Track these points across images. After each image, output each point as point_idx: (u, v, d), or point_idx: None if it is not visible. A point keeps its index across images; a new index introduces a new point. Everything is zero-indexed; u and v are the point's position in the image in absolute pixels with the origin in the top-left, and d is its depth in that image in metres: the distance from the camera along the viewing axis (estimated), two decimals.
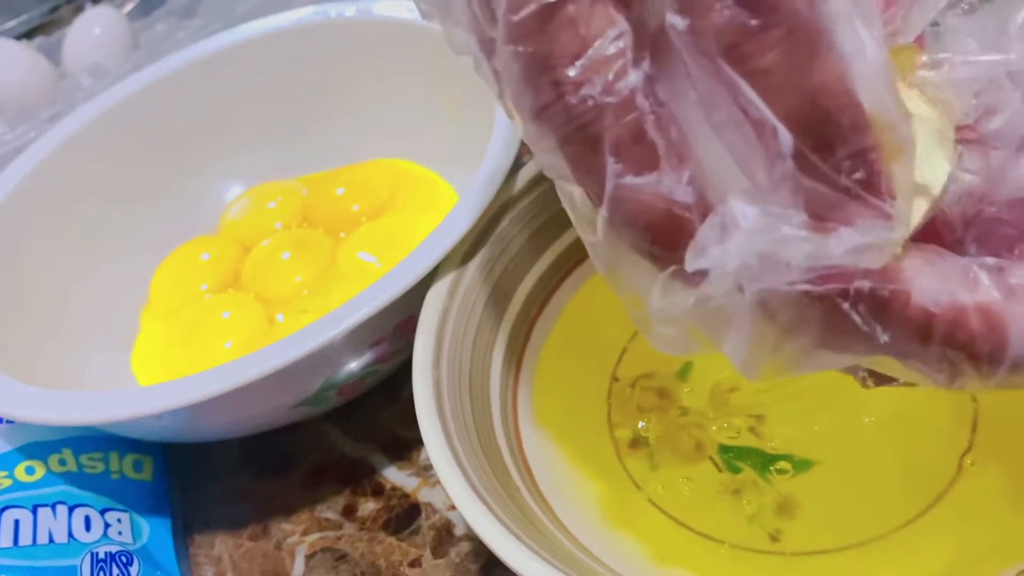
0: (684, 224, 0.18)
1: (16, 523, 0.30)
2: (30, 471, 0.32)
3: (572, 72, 0.18)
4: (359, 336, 0.30)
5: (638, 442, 0.31)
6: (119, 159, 0.42)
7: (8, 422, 0.33)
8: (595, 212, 0.19)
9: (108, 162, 0.42)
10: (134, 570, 0.31)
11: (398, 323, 0.31)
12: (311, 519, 0.34)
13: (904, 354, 0.18)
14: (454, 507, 0.27)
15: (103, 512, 0.32)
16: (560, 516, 0.28)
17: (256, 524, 0.35)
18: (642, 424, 0.31)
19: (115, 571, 0.30)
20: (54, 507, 0.31)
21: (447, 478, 0.25)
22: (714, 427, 0.30)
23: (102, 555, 0.30)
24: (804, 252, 0.17)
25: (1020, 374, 0.18)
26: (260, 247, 0.42)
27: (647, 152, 0.18)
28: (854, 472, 0.28)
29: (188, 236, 0.43)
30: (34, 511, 0.31)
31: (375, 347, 0.31)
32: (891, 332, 0.18)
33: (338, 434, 0.37)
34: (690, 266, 0.18)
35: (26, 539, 0.30)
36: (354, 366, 0.32)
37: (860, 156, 0.17)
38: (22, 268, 0.38)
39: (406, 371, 0.29)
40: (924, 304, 0.18)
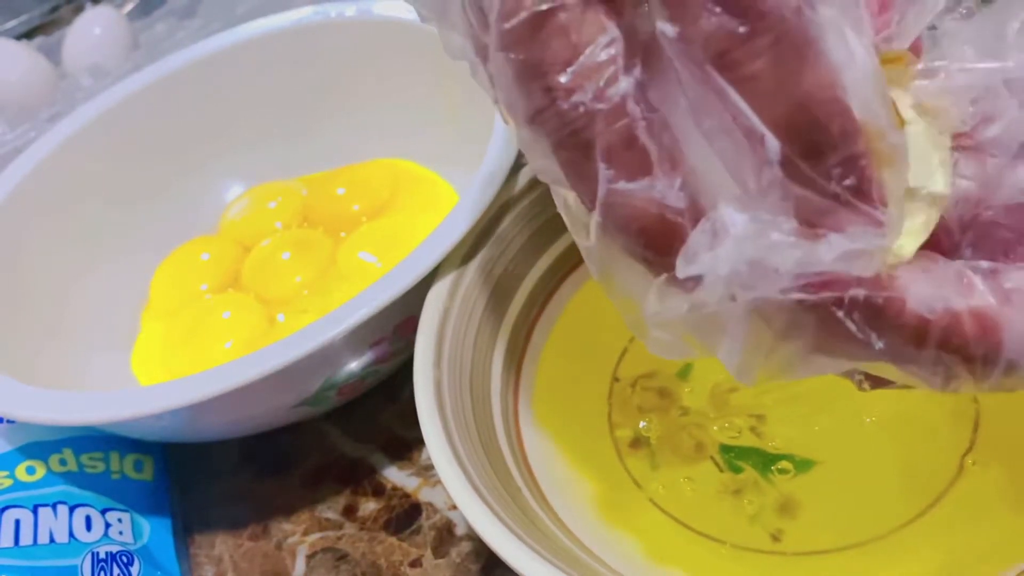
0: (676, 229, 0.18)
1: (17, 523, 0.30)
2: (31, 471, 0.32)
3: (564, 79, 0.18)
4: (359, 336, 0.30)
5: (639, 442, 0.31)
6: (119, 159, 0.42)
7: (8, 422, 0.33)
8: (589, 216, 0.19)
9: (108, 162, 0.42)
10: (135, 570, 0.31)
11: (398, 323, 0.31)
12: (312, 519, 0.34)
13: (899, 359, 0.18)
14: (455, 507, 0.27)
15: (104, 512, 0.32)
16: (561, 516, 0.28)
17: (256, 524, 0.35)
18: (643, 424, 0.31)
19: (116, 571, 0.30)
20: (55, 507, 0.31)
21: (448, 478, 0.25)
22: (715, 427, 0.30)
23: (103, 555, 0.30)
24: (793, 259, 0.17)
25: (1013, 377, 0.18)
26: (260, 247, 0.42)
27: (639, 158, 0.18)
28: (855, 472, 0.28)
29: (188, 236, 0.43)
30: (35, 511, 0.31)
31: (375, 347, 0.31)
32: (886, 339, 0.18)
33: (338, 434, 0.37)
34: (681, 272, 0.18)
35: (27, 539, 0.30)
36: (354, 366, 0.32)
37: (851, 162, 0.17)
38: (22, 268, 0.38)
39: (406, 371, 0.29)
40: (919, 311, 0.18)
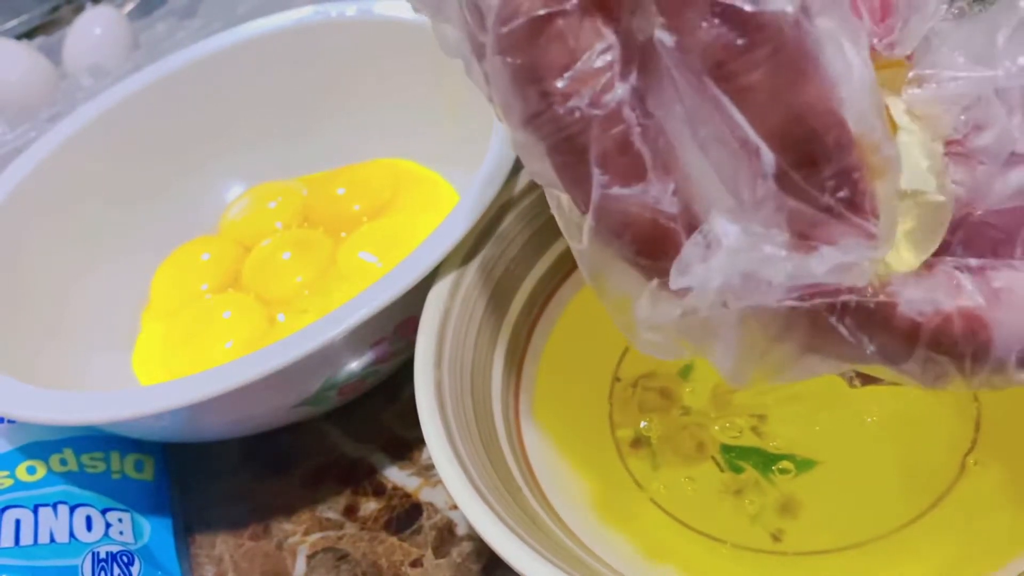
0: (669, 235, 0.18)
1: (17, 523, 0.30)
2: (31, 471, 0.32)
3: (560, 83, 0.18)
4: (359, 336, 0.30)
5: (640, 442, 0.31)
6: (119, 159, 0.42)
7: (9, 422, 0.33)
8: (582, 219, 0.19)
9: (108, 162, 0.42)
10: (135, 570, 0.31)
11: (399, 323, 0.31)
12: (312, 519, 0.34)
13: (890, 360, 0.19)
14: (456, 507, 0.27)
15: (104, 512, 0.32)
16: (561, 515, 0.28)
17: (257, 524, 0.35)
18: (644, 424, 0.31)
19: (116, 571, 0.30)
20: (55, 507, 0.31)
21: (449, 477, 0.25)
22: (716, 427, 0.30)
23: (103, 555, 0.30)
24: (786, 272, 0.18)
25: (1002, 374, 0.18)
26: (260, 247, 0.42)
27: (633, 163, 0.18)
28: (857, 472, 0.28)
29: (188, 236, 0.43)
30: (35, 511, 0.31)
31: (376, 347, 0.31)
32: (878, 342, 0.18)
33: (339, 434, 0.37)
34: (674, 284, 0.18)
35: (27, 539, 0.30)
36: (355, 366, 0.32)
37: (844, 175, 0.17)
38: (22, 268, 0.38)
39: (406, 371, 0.29)
40: (909, 315, 0.18)
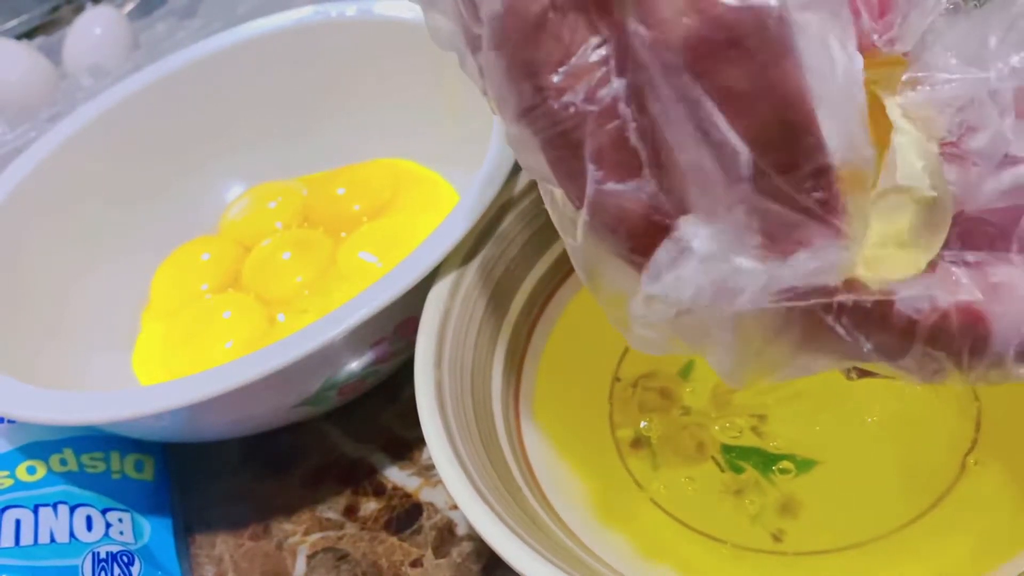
0: (664, 231, 0.18)
1: (17, 523, 0.30)
2: (31, 471, 0.32)
3: (555, 78, 0.18)
4: (359, 336, 0.30)
5: (640, 442, 0.31)
6: (119, 159, 0.42)
7: (9, 422, 0.33)
8: (576, 214, 0.19)
9: (108, 162, 0.42)
10: (135, 570, 0.31)
11: (399, 323, 0.31)
12: (312, 519, 0.34)
13: (887, 357, 0.19)
14: (456, 507, 0.27)
15: (104, 512, 0.32)
16: (562, 515, 0.28)
17: (257, 524, 0.35)
18: (644, 424, 0.31)
19: (116, 571, 0.30)
20: (55, 507, 0.31)
21: (449, 478, 0.25)
22: (716, 427, 0.30)
23: (103, 555, 0.30)
24: (758, 281, 0.17)
25: (999, 368, 0.18)
26: (260, 247, 0.42)
27: (628, 159, 0.18)
28: (857, 472, 0.28)
29: (188, 236, 0.43)
30: (35, 511, 0.31)
31: (376, 347, 0.31)
32: (875, 341, 0.18)
33: (339, 434, 0.37)
34: (646, 291, 0.18)
35: (27, 539, 0.30)
36: (355, 366, 0.32)
37: (820, 175, 0.17)
38: (22, 268, 0.38)
39: (406, 371, 0.29)
40: (907, 312, 0.18)
